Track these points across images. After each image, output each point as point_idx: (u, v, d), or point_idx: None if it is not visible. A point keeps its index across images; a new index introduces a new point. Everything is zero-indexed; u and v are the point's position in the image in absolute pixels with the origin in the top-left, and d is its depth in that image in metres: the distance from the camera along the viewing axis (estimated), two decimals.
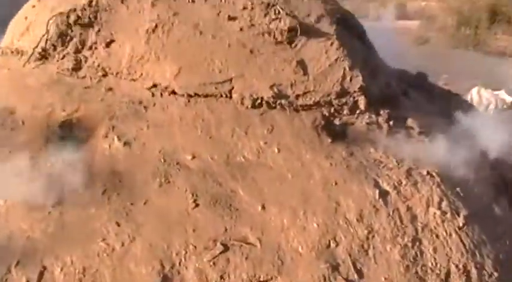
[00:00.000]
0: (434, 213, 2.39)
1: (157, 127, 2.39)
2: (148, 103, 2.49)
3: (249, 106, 2.53)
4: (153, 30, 2.62)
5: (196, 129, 2.42)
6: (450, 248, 2.32)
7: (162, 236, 2.05)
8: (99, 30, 2.69)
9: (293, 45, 2.76)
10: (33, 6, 2.97)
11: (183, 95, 2.51)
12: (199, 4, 2.77)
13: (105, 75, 2.61)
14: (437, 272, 2.23)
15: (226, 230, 2.10)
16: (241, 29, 2.70)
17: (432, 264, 2.25)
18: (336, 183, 2.34)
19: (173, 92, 2.52)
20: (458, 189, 2.60)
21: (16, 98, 2.64)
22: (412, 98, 3.31)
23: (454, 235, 2.37)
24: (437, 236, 2.33)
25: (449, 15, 17.91)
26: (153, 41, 2.61)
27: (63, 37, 2.71)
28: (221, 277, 2.00)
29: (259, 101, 2.55)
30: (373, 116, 2.79)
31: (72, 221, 2.10)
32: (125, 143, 2.32)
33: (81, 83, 2.60)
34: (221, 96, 2.54)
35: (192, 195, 2.18)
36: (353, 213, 2.26)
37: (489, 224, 2.59)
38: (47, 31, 2.72)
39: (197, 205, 2.15)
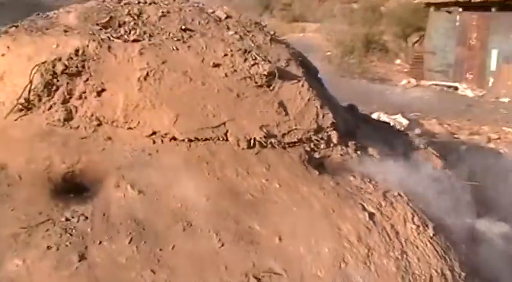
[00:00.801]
0: (411, 228, 2.83)
1: (165, 173, 2.50)
2: (151, 150, 2.58)
3: (245, 147, 2.75)
4: (145, 78, 2.73)
5: (203, 172, 2.57)
6: (428, 256, 2.76)
7: (198, 277, 2.17)
8: (87, 80, 2.72)
9: (271, 88, 3.07)
10: (3, 55, 2.87)
11: (183, 140, 2.65)
12: (183, 52, 2.94)
13: (99, 124, 2.64)
14: (424, 278, 2.65)
15: (254, 264, 2.29)
16: (226, 75, 2.92)
17: (418, 271, 2.67)
18: (333, 211, 2.67)
19: (173, 138, 2.65)
20: (420, 205, 3.09)
21: (3, 151, 2.54)
22: (362, 129, 3.80)
23: (428, 244, 2.82)
24: (417, 247, 2.76)
25: (332, 46, 19.73)
26: (146, 88, 2.72)
27: (48, 87, 2.68)
28: None
29: (252, 141, 2.80)
30: (344, 147, 3.20)
31: (103, 274, 2.11)
32: (139, 191, 2.39)
33: (75, 133, 2.59)
34: (218, 139, 2.73)
35: (216, 235, 2.33)
36: (353, 235, 2.59)
37: (447, 232, 3.11)
38: (30, 81, 2.67)
39: (223, 244, 2.31)
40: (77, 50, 2.73)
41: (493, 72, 16.00)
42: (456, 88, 16.86)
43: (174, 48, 2.89)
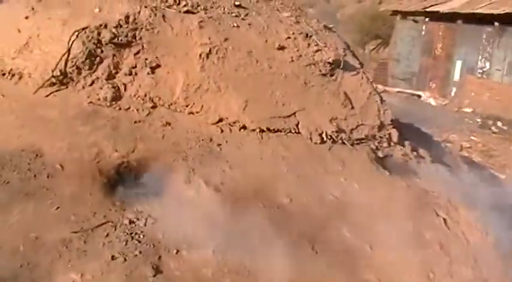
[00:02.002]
0: (477, 234, 2.67)
1: (239, 167, 2.15)
2: (220, 140, 2.22)
3: (318, 142, 2.46)
4: (207, 56, 2.36)
5: (279, 167, 2.25)
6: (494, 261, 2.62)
7: None
8: (138, 52, 2.31)
9: (334, 77, 2.79)
10: (27, 17, 2.39)
11: (253, 130, 2.31)
12: (244, 30, 2.59)
13: (154, 106, 2.24)
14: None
15: (350, 273, 2.00)
16: (292, 59, 2.61)
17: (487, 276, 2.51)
18: (413, 216, 2.44)
19: (243, 127, 2.30)
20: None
21: (35, 135, 2.08)
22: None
23: (491, 250, 2.68)
24: (484, 253, 2.61)
25: None
26: (208, 67, 2.34)
27: (91, 58, 2.24)
28: None
29: (324, 136, 2.51)
30: (402, 147, 2.98)
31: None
32: (216, 189, 2.02)
33: (126, 116, 2.18)
34: (290, 131, 2.41)
35: (309, 242, 2.02)
36: (434, 242, 2.38)
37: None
38: (68, 50, 2.22)
39: (316, 252, 2.00)
40: (126, 17, 2.31)
41: (456, 82, 16.61)
42: (419, 96, 17.33)
43: (235, 24, 2.54)
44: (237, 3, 2.77)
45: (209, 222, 1.92)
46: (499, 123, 14.38)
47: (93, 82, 2.23)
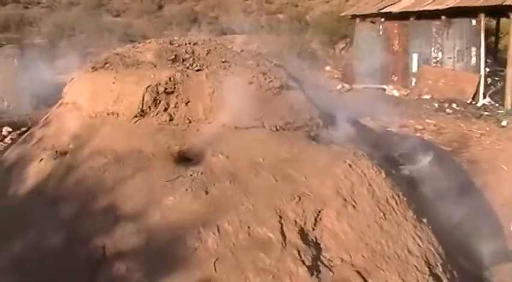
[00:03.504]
0: (373, 172, 5.15)
1: (238, 146, 4.58)
2: (224, 135, 4.65)
3: (275, 130, 4.93)
4: (212, 92, 4.81)
5: (260, 148, 4.69)
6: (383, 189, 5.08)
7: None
8: (177, 95, 4.74)
9: (281, 95, 5.25)
10: (114, 82, 4.80)
11: (241, 128, 4.75)
12: (230, 74, 5.05)
13: (190, 122, 4.67)
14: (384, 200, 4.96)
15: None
16: (256, 89, 5.07)
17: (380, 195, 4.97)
18: (331, 163, 4.89)
19: (235, 127, 4.74)
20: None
21: (135, 141, 4.47)
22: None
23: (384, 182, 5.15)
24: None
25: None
26: (214, 99, 4.79)
27: (155, 101, 4.67)
28: None
29: (278, 127, 4.96)
30: (325, 129, 5.45)
31: (219, 200, 4.14)
32: (226, 157, 4.45)
33: (177, 128, 4.61)
34: (259, 127, 4.87)
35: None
36: (343, 177, 4.84)
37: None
38: (143, 98, 4.65)
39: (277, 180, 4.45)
40: (169, 78, 4.75)
41: (415, 73, 19.37)
42: (384, 89, 20.04)
43: (224, 74, 5.00)
44: (223, 60, 5.23)
45: (224, 170, 4.37)
46: (454, 105, 17.16)
47: (157, 113, 4.65)
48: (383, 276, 4.17)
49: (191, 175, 4.24)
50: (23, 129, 13.64)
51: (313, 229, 4.21)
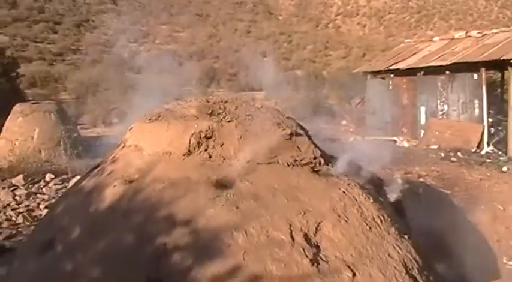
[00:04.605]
0: (363, 197, 6.97)
1: (259, 176, 6.46)
2: (250, 167, 6.55)
3: (286, 166, 6.83)
4: (241, 137, 6.76)
5: (272, 178, 6.58)
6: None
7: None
8: (214, 139, 6.70)
9: (292, 139, 7.20)
10: (167, 131, 6.79)
11: (260, 164, 6.66)
12: (252, 124, 7.04)
13: (224, 159, 6.61)
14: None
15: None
16: (271, 136, 7.04)
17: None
18: (329, 189, 6.73)
19: (258, 163, 6.65)
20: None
21: (185, 172, 6.39)
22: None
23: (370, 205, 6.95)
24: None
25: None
26: (242, 142, 6.73)
27: (198, 144, 6.64)
28: None
29: (288, 163, 6.86)
30: (326, 166, 7.33)
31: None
32: (251, 183, 6.34)
33: (215, 163, 6.53)
34: (276, 162, 6.77)
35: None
36: (339, 209, 6.66)
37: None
38: (190, 141, 6.61)
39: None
40: (208, 127, 6.74)
41: (423, 125, 21.31)
42: (395, 141, 22.02)
43: (249, 123, 6.98)
44: (247, 113, 7.23)
45: (250, 192, 6.27)
46: (459, 154, 19.02)
47: (200, 152, 6.61)
48: (367, 269, 5.91)
49: (226, 195, 6.12)
50: (64, 176, 15.85)
51: (314, 235, 6.00)
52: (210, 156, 6.61)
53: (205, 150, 6.65)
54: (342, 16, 69.64)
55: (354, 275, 5.78)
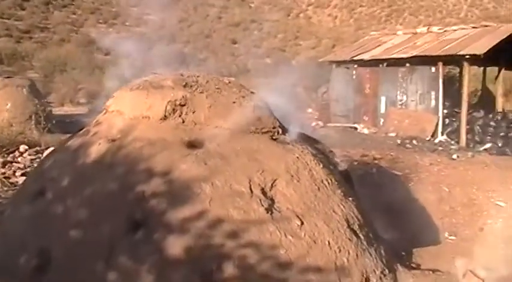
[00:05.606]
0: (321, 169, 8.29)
1: (225, 139, 7.69)
2: (218, 132, 7.76)
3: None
4: (210, 107, 7.97)
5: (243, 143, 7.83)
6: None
7: None
8: (187, 107, 7.89)
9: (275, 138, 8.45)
10: (146, 98, 7.94)
11: (228, 129, 7.89)
12: (223, 95, 8.25)
13: (195, 124, 7.80)
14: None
15: None
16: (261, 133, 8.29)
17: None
18: (284, 154, 8.01)
19: (225, 129, 7.88)
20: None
21: (161, 134, 7.55)
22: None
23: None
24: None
25: None
26: (211, 110, 7.94)
27: (173, 110, 7.80)
28: None
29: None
30: (284, 136, 8.62)
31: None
32: (218, 145, 7.57)
33: (187, 127, 7.72)
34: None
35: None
36: (292, 169, 7.96)
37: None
38: (166, 107, 7.78)
39: None
40: (183, 96, 7.91)
41: (383, 114, 22.94)
42: (356, 128, 23.65)
43: (219, 94, 8.19)
44: (216, 87, 8.44)
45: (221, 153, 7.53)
46: (414, 141, 20.73)
47: (175, 118, 7.79)
48: (313, 220, 7.24)
49: (196, 154, 7.34)
50: (37, 148, 16.82)
51: (270, 190, 7.28)
52: (183, 121, 7.80)
53: (179, 116, 7.83)
54: (313, 7, 71.22)
55: (302, 223, 7.09)
